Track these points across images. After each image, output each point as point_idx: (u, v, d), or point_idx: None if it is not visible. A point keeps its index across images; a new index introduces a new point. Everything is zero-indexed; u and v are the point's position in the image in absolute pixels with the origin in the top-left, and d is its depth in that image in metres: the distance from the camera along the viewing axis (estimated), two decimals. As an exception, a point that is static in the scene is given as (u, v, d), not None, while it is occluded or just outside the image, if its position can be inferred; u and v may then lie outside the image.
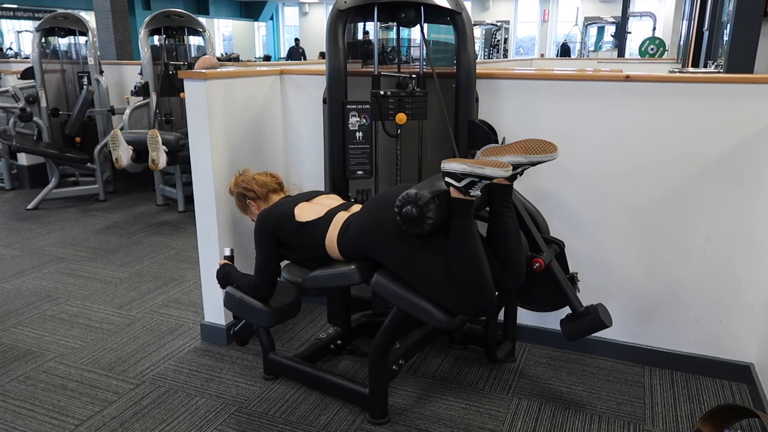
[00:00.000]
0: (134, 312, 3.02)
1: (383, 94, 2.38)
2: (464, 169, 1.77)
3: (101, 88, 5.27)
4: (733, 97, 2.17)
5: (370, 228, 1.96)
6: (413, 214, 1.78)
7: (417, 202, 1.77)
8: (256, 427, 2.11)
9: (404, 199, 1.79)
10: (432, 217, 1.78)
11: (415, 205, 1.77)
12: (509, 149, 1.96)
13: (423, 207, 1.77)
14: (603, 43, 16.85)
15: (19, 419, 2.14)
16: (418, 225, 1.79)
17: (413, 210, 1.78)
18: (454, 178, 1.81)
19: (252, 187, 2.34)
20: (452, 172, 1.80)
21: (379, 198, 2.05)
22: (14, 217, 4.69)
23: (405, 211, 1.79)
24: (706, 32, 5.89)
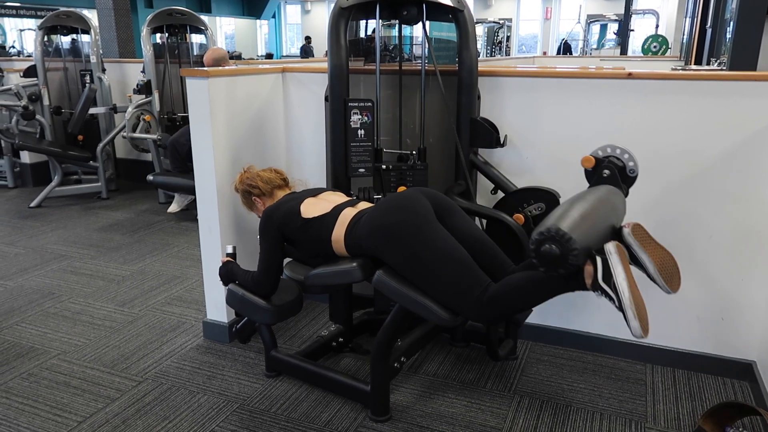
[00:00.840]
0: (137, 309, 3.03)
1: (385, 168, 2.43)
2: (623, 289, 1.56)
3: (104, 87, 5.28)
4: (735, 94, 2.17)
5: (380, 230, 1.95)
6: (555, 253, 1.55)
7: (562, 241, 1.54)
8: (258, 424, 2.11)
9: (542, 237, 1.56)
10: (577, 257, 1.55)
11: (558, 244, 1.55)
12: (654, 249, 1.71)
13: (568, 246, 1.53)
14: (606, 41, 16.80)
15: (22, 416, 2.15)
16: (561, 265, 1.57)
17: (554, 248, 1.55)
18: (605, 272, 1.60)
19: (257, 184, 2.34)
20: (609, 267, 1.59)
21: (392, 200, 2.02)
22: (17, 215, 4.71)
23: (544, 249, 1.56)
24: (709, 30, 5.87)
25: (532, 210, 2.31)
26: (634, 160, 1.99)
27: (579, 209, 1.65)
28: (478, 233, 2.04)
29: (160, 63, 5.13)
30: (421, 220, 1.92)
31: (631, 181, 2.03)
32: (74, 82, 5.51)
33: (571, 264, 1.56)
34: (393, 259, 1.94)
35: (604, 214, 1.74)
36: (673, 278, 1.70)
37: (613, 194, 1.88)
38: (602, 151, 2.03)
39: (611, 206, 1.81)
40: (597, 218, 1.69)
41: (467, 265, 1.87)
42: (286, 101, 2.88)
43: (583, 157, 2.02)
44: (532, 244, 1.59)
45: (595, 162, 2.01)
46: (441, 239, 1.90)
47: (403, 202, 1.98)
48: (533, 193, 2.33)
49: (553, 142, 2.45)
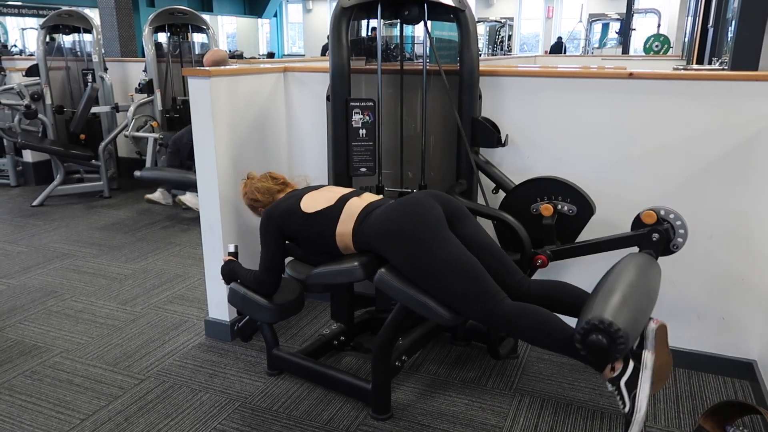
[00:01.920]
0: (139, 308, 3.04)
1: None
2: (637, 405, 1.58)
3: (105, 85, 5.29)
4: (737, 94, 2.17)
5: (391, 235, 1.93)
6: (603, 344, 1.55)
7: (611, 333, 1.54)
8: (259, 422, 2.12)
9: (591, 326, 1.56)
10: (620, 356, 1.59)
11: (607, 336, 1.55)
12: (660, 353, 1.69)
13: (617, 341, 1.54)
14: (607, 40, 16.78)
15: (25, 414, 2.16)
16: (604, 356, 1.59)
17: (602, 339, 1.55)
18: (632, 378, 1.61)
19: (257, 198, 2.35)
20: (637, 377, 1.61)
21: (405, 206, 1.98)
22: (20, 214, 4.72)
23: (591, 339, 1.57)
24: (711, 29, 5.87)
25: (563, 206, 2.23)
26: (684, 238, 2.02)
27: (626, 297, 1.65)
28: (487, 239, 2.03)
29: (162, 62, 5.14)
30: (431, 229, 1.90)
31: (668, 254, 2.06)
32: (76, 81, 5.52)
33: (615, 357, 1.59)
34: (402, 265, 1.93)
35: (647, 305, 1.74)
36: (659, 383, 1.71)
37: (654, 273, 1.89)
38: (664, 212, 2.04)
39: (653, 294, 1.82)
40: (641, 311, 1.70)
41: (478, 275, 1.86)
42: (288, 101, 2.88)
43: (646, 211, 2.06)
44: (581, 328, 1.59)
45: (656, 220, 2.03)
46: (451, 248, 1.89)
47: (417, 209, 1.95)
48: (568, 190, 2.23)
49: (554, 141, 2.46)
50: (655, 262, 1.96)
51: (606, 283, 1.75)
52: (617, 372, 1.66)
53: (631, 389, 1.62)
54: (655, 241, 2.05)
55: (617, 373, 1.66)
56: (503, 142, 2.41)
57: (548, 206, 2.23)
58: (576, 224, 2.24)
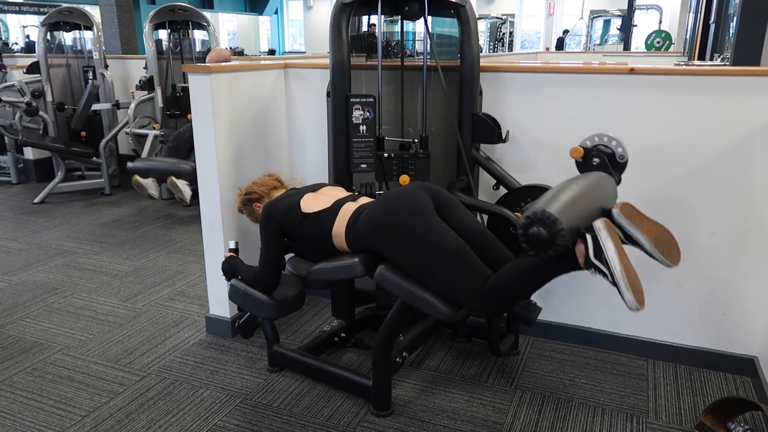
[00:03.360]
0: (140, 305, 3.04)
1: (387, 156, 2.42)
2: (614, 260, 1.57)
3: (106, 83, 5.29)
4: (739, 90, 2.16)
5: (381, 227, 1.96)
6: (543, 235, 1.57)
7: (548, 223, 1.56)
8: (260, 418, 2.12)
9: (528, 220, 1.59)
10: (564, 238, 1.58)
11: (545, 226, 1.57)
12: (647, 225, 1.70)
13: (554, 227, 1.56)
14: (609, 37, 16.75)
15: (26, 410, 2.17)
16: (549, 246, 1.59)
17: (542, 230, 1.57)
18: (596, 248, 1.60)
19: (253, 190, 2.35)
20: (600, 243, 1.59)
21: (392, 197, 2.02)
22: (21, 211, 4.72)
23: (532, 232, 1.59)
24: (713, 25, 5.85)
25: None
26: (622, 146, 2.00)
27: (567, 193, 1.68)
28: (478, 226, 2.05)
29: (163, 59, 5.14)
30: (421, 217, 1.93)
31: (622, 167, 2.04)
32: (77, 79, 5.52)
33: (559, 245, 1.57)
34: (395, 255, 1.95)
35: (592, 197, 1.75)
36: (671, 251, 1.70)
37: (602, 179, 1.89)
38: (590, 141, 2.04)
39: (600, 190, 1.82)
40: (585, 200, 1.71)
41: (468, 259, 1.89)
42: (288, 97, 2.88)
43: (572, 147, 2.03)
44: (520, 228, 1.61)
45: (583, 152, 2.02)
46: (441, 234, 1.91)
47: (403, 198, 1.98)
48: (536, 191, 2.32)
49: (555, 137, 2.45)
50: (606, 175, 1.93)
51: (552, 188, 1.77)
52: (584, 254, 1.64)
53: (601, 255, 1.60)
54: (600, 164, 2.01)
55: (584, 254, 1.64)
56: (504, 138, 2.41)
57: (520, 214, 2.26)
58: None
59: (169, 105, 5.05)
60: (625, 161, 2.02)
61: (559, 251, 1.61)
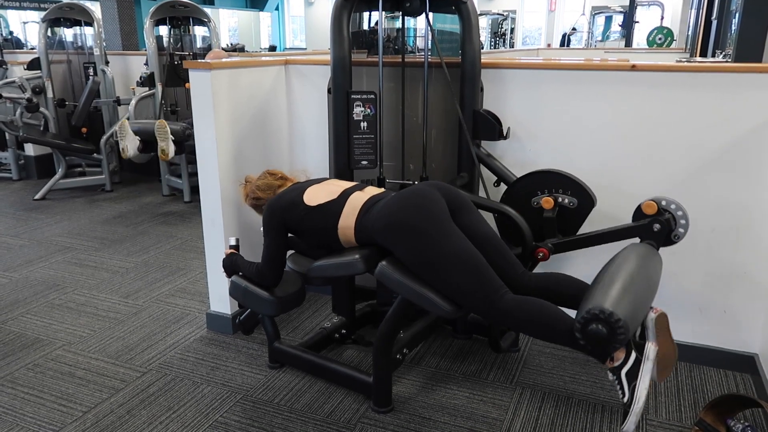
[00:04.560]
0: (141, 301, 3.05)
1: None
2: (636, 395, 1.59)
3: (107, 79, 5.29)
4: (740, 86, 2.16)
5: (395, 228, 1.93)
6: (603, 334, 1.57)
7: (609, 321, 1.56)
8: (261, 414, 2.13)
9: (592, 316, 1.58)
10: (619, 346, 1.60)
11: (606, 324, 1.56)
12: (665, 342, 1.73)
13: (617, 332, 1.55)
14: (611, 33, 16.70)
15: (27, 406, 2.17)
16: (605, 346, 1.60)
17: (602, 329, 1.57)
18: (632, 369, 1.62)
19: (258, 196, 2.34)
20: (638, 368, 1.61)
21: (408, 198, 1.97)
22: (22, 207, 4.73)
23: (591, 329, 1.58)
24: (715, 21, 5.84)
25: (564, 199, 2.22)
26: (685, 228, 2.00)
27: (626, 287, 1.66)
28: (489, 231, 2.03)
29: (163, 55, 5.13)
30: (435, 220, 1.90)
31: (669, 244, 2.05)
32: (78, 75, 5.52)
33: (615, 347, 1.59)
34: (405, 256, 1.93)
35: (647, 293, 1.75)
36: (665, 371, 1.72)
37: (655, 263, 1.89)
38: (665, 202, 2.03)
39: (653, 282, 1.82)
40: (641, 300, 1.70)
41: (480, 268, 1.86)
42: (289, 93, 2.88)
43: (647, 201, 2.04)
44: (581, 318, 1.60)
45: (657, 210, 2.02)
46: (454, 239, 1.88)
47: (419, 200, 1.95)
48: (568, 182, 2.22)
49: (556, 134, 2.45)
50: (656, 253, 1.96)
51: (606, 273, 1.76)
52: (619, 362, 1.66)
53: (632, 380, 1.62)
54: (656, 232, 2.04)
55: (618, 363, 1.66)
56: (505, 134, 2.40)
57: (549, 199, 2.22)
58: (577, 217, 2.24)
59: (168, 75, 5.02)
60: (676, 242, 2.03)
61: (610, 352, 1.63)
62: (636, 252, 1.89)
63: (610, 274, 1.73)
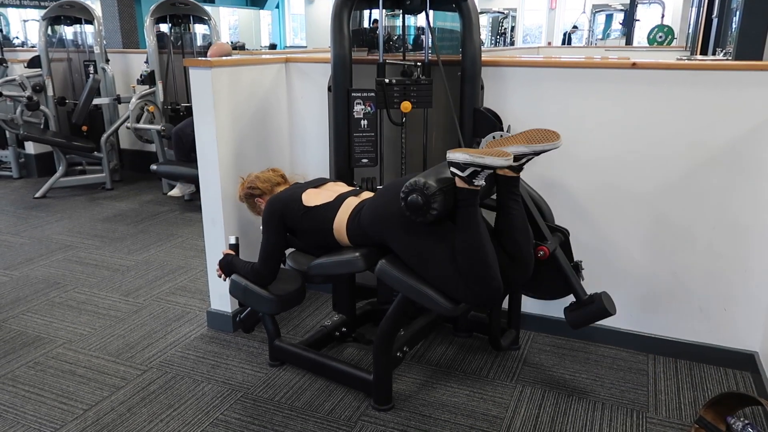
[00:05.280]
0: (141, 299, 3.05)
1: (388, 82, 2.37)
2: (466, 159, 1.77)
3: (107, 77, 5.28)
4: (741, 84, 2.15)
5: (382, 217, 1.96)
6: (419, 203, 1.77)
7: (423, 190, 1.76)
8: (261, 412, 2.13)
9: (411, 187, 1.79)
10: (437, 207, 1.77)
11: (421, 194, 1.77)
12: (512, 140, 1.97)
13: (429, 196, 1.76)
14: (611, 31, 16.68)
15: (28, 404, 2.18)
16: (423, 213, 1.79)
17: (419, 198, 1.77)
18: (458, 167, 1.80)
19: (256, 185, 2.35)
20: (456, 162, 1.80)
21: (392, 186, 2.02)
22: (22, 206, 4.73)
23: (411, 199, 1.78)
24: (715, 19, 5.83)
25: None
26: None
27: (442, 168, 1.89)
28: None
29: (164, 53, 5.13)
30: None
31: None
32: (78, 73, 5.52)
33: (434, 209, 1.77)
34: (397, 245, 1.95)
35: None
36: (547, 136, 1.92)
37: None
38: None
39: None
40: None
41: None
42: (290, 91, 2.88)
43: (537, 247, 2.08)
44: (402, 193, 1.81)
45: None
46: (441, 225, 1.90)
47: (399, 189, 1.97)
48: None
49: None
50: None
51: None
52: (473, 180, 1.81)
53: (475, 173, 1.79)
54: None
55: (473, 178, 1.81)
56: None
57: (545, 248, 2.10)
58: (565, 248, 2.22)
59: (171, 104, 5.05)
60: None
61: (435, 215, 1.78)
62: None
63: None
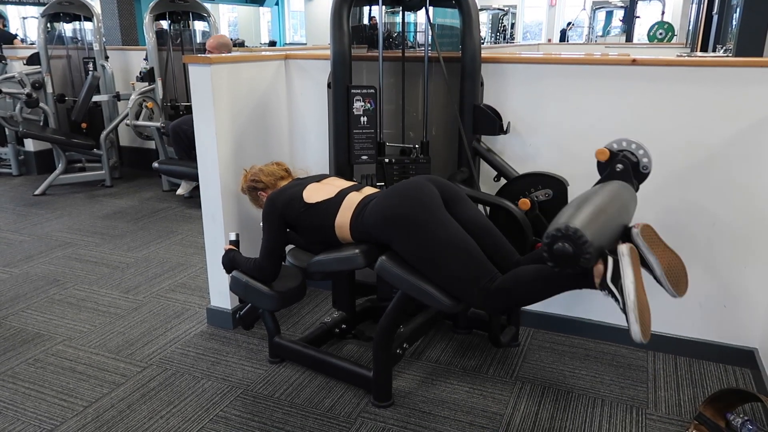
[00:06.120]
0: (141, 296, 3.05)
1: (388, 162, 2.43)
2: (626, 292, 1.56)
3: (107, 74, 5.27)
4: (741, 81, 2.15)
5: (390, 219, 1.94)
6: (568, 252, 1.52)
7: (573, 238, 1.51)
8: (261, 409, 2.13)
9: (556, 233, 1.53)
10: (590, 258, 1.52)
11: (570, 241, 1.52)
12: (662, 252, 1.70)
13: (581, 245, 1.50)
14: (611, 28, 16.66)
15: (28, 401, 2.18)
16: (573, 264, 1.54)
17: (568, 247, 1.52)
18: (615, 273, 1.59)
19: (260, 179, 2.35)
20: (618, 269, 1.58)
21: (400, 189, 1.99)
22: (22, 203, 4.73)
23: (557, 248, 1.53)
24: (716, 16, 5.82)
25: (539, 195, 2.28)
26: (648, 157, 1.98)
27: (592, 207, 1.63)
28: (484, 221, 2.04)
29: (163, 50, 5.12)
30: (429, 210, 1.92)
31: (643, 177, 2.01)
32: (77, 70, 5.50)
33: (583, 264, 1.54)
34: (402, 247, 1.94)
35: (616, 213, 1.72)
36: (680, 282, 1.68)
37: (624, 190, 1.86)
38: (617, 144, 2.01)
39: (623, 204, 1.79)
40: (609, 217, 1.67)
41: (474, 255, 1.87)
42: (289, 88, 2.87)
43: (598, 149, 2.00)
44: (546, 239, 1.55)
45: (609, 155, 1.99)
46: (449, 229, 1.90)
47: (412, 191, 1.96)
48: (539, 179, 2.30)
49: (556, 129, 2.44)
50: (628, 185, 1.93)
51: (574, 200, 1.74)
52: (601, 275, 1.63)
53: (618, 281, 1.59)
54: (621, 171, 1.99)
55: (601, 275, 1.63)
56: (505, 129, 2.40)
57: (525, 201, 2.27)
58: (559, 203, 2.24)
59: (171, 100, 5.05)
60: (647, 172, 2.00)
61: (582, 269, 1.58)
62: (609, 185, 1.88)
63: (577, 199, 1.71)
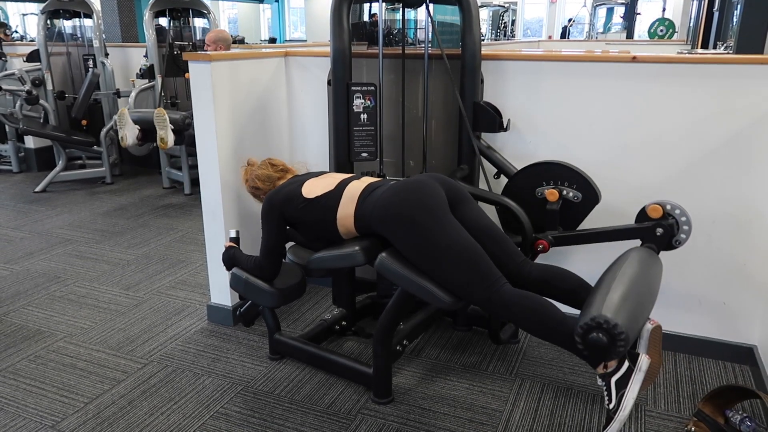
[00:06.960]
0: (141, 293, 3.05)
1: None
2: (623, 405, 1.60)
3: (106, 71, 5.27)
4: (741, 78, 2.15)
5: (395, 218, 1.92)
6: (603, 343, 1.54)
7: (609, 329, 1.53)
8: (261, 406, 2.14)
9: (590, 324, 1.55)
10: (624, 346, 1.55)
11: (605, 332, 1.54)
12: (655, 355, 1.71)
13: (616, 335, 1.53)
14: (612, 25, 16.63)
15: (29, 397, 2.18)
16: (607, 355, 1.58)
17: (603, 337, 1.54)
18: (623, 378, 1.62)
19: (258, 186, 2.35)
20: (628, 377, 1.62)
21: (407, 188, 1.97)
22: (22, 200, 4.73)
23: (592, 338, 1.55)
24: (716, 13, 5.82)
25: (569, 193, 2.20)
26: (687, 234, 2.00)
27: (628, 296, 1.64)
28: (490, 223, 2.03)
29: (163, 47, 5.12)
30: (434, 212, 1.90)
31: (670, 248, 2.04)
32: (77, 67, 5.50)
33: (614, 356, 1.58)
34: (405, 247, 1.93)
35: (648, 305, 1.73)
36: (646, 383, 1.70)
37: (657, 271, 1.87)
38: (671, 207, 2.02)
39: (655, 292, 1.81)
40: (642, 311, 1.69)
41: (476, 260, 1.86)
42: (289, 85, 2.87)
43: (651, 205, 2.04)
44: (582, 326, 1.57)
45: (661, 214, 2.01)
46: (453, 232, 1.88)
47: (419, 191, 1.94)
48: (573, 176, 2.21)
49: (556, 126, 2.44)
50: (657, 259, 1.94)
51: (609, 278, 1.74)
52: (611, 369, 1.66)
53: (621, 388, 1.63)
54: (659, 236, 2.03)
55: (610, 370, 1.66)
56: (505, 126, 2.40)
57: (554, 191, 2.21)
58: (580, 211, 2.23)
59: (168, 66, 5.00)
60: (677, 246, 2.03)
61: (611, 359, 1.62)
62: (638, 258, 1.87)
63: (612, 280, 1.71)
